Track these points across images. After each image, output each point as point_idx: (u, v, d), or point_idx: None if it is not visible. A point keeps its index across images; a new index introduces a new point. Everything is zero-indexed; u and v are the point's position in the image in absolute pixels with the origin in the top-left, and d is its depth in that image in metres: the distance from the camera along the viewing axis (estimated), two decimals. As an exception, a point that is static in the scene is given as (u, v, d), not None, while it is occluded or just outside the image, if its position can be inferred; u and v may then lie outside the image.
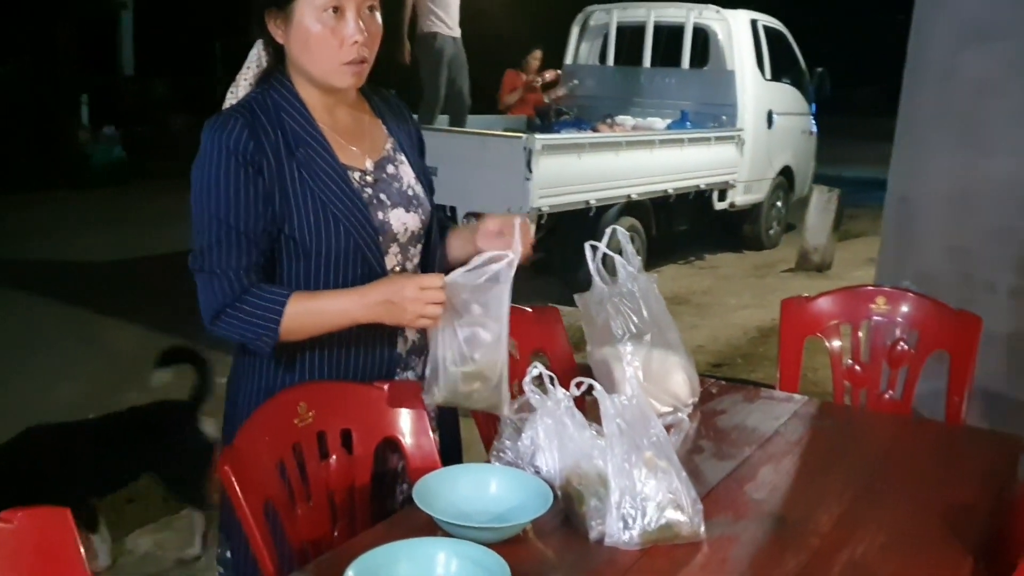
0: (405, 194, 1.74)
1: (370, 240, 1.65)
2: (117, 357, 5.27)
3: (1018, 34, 3.28)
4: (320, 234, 1.61)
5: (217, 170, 1.57)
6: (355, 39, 1.59)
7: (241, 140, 1.57)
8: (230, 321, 1.58)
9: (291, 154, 1.61)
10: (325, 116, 1.68)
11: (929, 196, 3.56)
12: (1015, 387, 3.31)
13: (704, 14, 8.38)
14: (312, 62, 1.62)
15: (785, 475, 1.82)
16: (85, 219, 9.53)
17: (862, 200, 10.84)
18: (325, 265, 1.63)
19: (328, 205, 1.61)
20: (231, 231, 1.57)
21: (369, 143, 1.74)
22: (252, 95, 1.66)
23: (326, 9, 1.58)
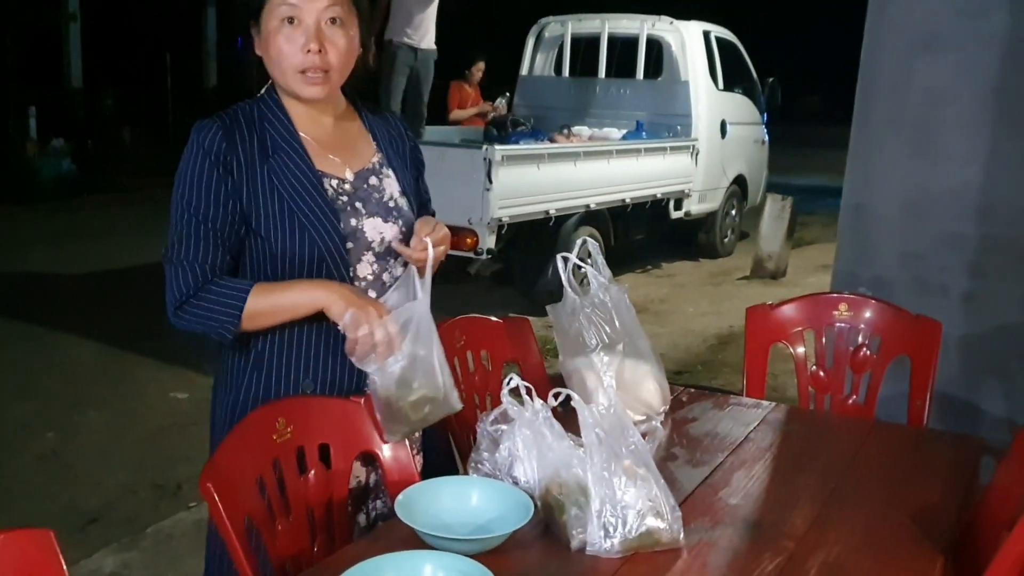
0: (385, 205, 1.77)
1: (334, 247, 1.68)
2: (71, 374, 5.19)
3: (967, 44, 3.37)
4: (285, 237, 1.66)
5: (192, 168, 1.65)
6: (308, 48, 1.64)
7: (215, 141, 1.64)
8: (193, 311, 1.63)
9: (265, 159, 1.67)
10: (308, 126, 1.74)
11: (883, 203, 3.63)
12: (970, 389, 3.39)
13: (657, 26, 8.47)
14: (275, 71, 1.69)
15: (758, 480, 1.85)
16: (34, 234, 9.35)
17: (813, 208, 11.02)
18: (290, 268, 1.67)
19: (296, 211, 1.66)
20: (200, 225, 1.63)
21: (352, 154, 1.78)
22: (241, 104, 1.73)
23: (283, 19, 1.65)
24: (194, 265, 1.63)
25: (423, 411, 1.69)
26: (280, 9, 1.64)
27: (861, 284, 3.53)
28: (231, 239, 1.66)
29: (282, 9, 1.64)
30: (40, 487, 3.83)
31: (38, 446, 4.21)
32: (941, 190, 3.47)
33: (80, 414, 4.59)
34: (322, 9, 1.65)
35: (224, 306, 1.62)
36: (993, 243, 3.38)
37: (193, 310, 1.63)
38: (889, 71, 3.60)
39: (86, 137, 14.60)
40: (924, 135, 3.50)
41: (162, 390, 4.89)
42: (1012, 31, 3.27)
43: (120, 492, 3.78)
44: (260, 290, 1.63)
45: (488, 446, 1.73)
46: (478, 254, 6.02)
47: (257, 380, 1.72)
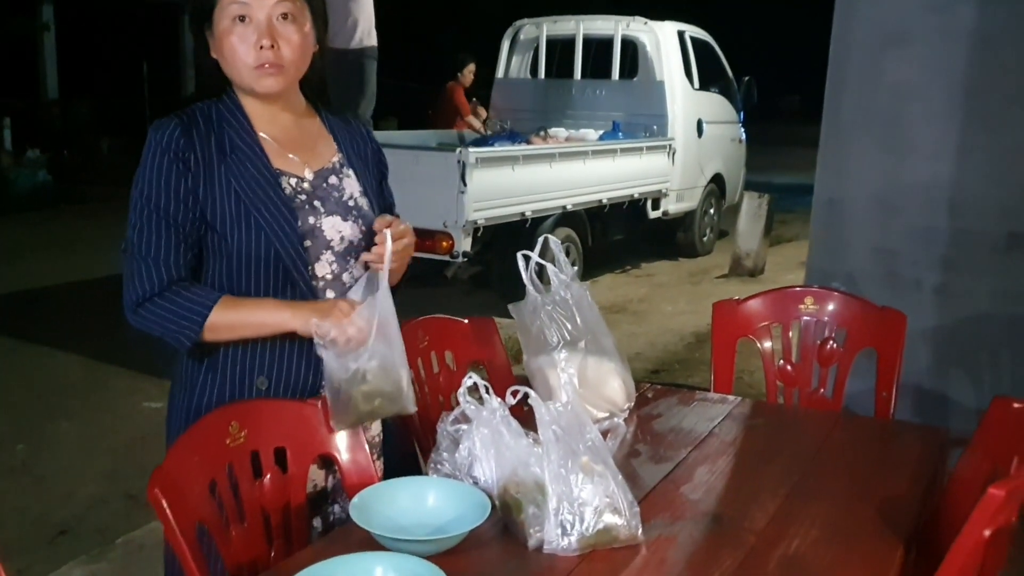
0: (344, 204, 1.76)
1: (290, 245, 1.67)
2: (43, 385, 5.13)
3: (934, 39, 3.38)
4: (241, 235, 1.65)
5: (152, 165, 1.64)
6: (260, 44, 1.64)
7: (174, 137, 1.64)
8: (153, 312, 1.62)
9: (223, 158, 1.67)
10: (267, 125, 1.74)
11: (854, 198, 3.63)
12: (942, 382, 3.39)
13: (632, 26, 8.48)
14: (230, 69, 1.69)
15: (721, 475, 1.84)
16: (7, 245, 9.26)
17: (792, 205, 11.05)
18: (247, 266, 1.67)
19: (252, 208, 1.65)
20: (161, 221, 1.63)
21: (312, 153, 1.78)
22: (199, 104, 1.72)
23: (234, 18, 1.65)
24: (157, 262, 1.62)
25: (373, 403, 1.67)
26: (230, 8, 1.64)
27: (834, 279, 3.53)
28: (192, 236, 1.65)
29: (232, 8, 1.64)
30: (9, 499, 3.78)
31: (8, 458, 4.15)
32: (911, 185, 3.47)
33: (51, 425, 4.54)
34: (272, 5, 1.64)
35: (187, 312, 1.61)
36: (964, 237, 3.39)
37: (155, 310, 1.61)
38: (857, 67, 3.60)
39: (62, 148, 14.52)
40: (893, 130, 3.51)
41: (135, 400, 4.85)
42: (979, 26, 3.28)
43: (91, 503, 3.73)
44: (226, 304, 1.62)
45: (448, 446, 1.71)
46: (454, 257, 6.00)
47: (212, 381, 1.70)
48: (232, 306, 1.63)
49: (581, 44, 8.57)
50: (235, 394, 1.69)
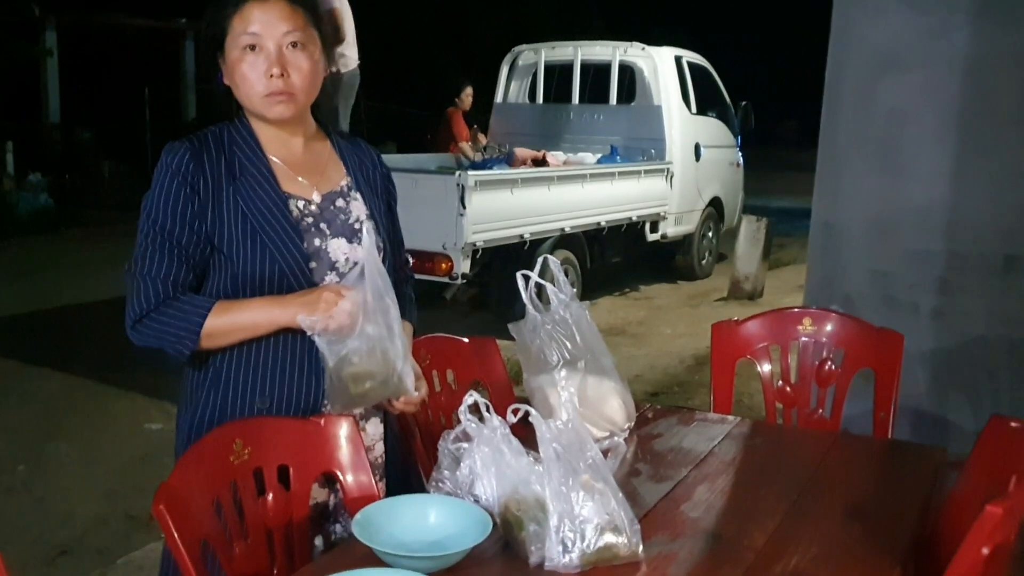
0: (351, 227, 1.79)
1: (296, 266, 1.70)
2: (44, 407, 5.14)
3: (927, 64, 3.41)
4: (247, 256, 1.68)
5: (161, 187, 1.68)
6: (271, 72, 1.68)
7: (183, 161, 1.68)
8: (151, 326, 1.65)
9: (232, 180, 1.70)
10: (278, 148, 1.77)
11: (851, 221, 3.66)
12: (940, 404, 3.40)
13: (629, 52, 8.56)
14: (241, 96, 1.73)
15: (720, 493, 1.86)
16: (8, 268, 9.29)
17: (790, 229, 11.09)
18: (252, 286, 1.69)
19: (258, 229, 1.69)
20: (165, 242, 1.66)
21: (320, 176, 1.81)
22: (212, 128, 1.77)
23: (245, 47, 1.68)
24: (156, 280, 1.65)
25: (364, 385, 1.68)
26: (242, 38, 1.68)
27: (832, 302, 3.55)
28: (195, 257, 1.68)
29: (243, 38, 1.68)
30: (10, 520, 3.78)
31: (8, 479, 4.16)
32: (908, 208, 3.50)
33: (52, 446, 4.54)
34: (282, 34, 1.68)
35: (183, 322, 1.64)
36: (960, 259, 3.41)
37: (152, 324, 1.64)
38: (853, 91, 3.64)
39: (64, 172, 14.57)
40: (889, 154, 3.54)
41: (135, 421, 4.86)
42: (973, 51, 3.32)
43: (91, 524, 3.73)
44: (220, 308, 1.65)
45: (449, 464, 1.73)
46: (453, 279, 6.03)
47: (215, 397, 1.72)
48: (225, 310, 1.66)
49: (579, 69, 8.64)
50: (235, 413, 1.71)
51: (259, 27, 1.67)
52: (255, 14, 1.67)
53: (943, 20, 3.35)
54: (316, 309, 1.63)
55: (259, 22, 1.67)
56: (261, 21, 1.67)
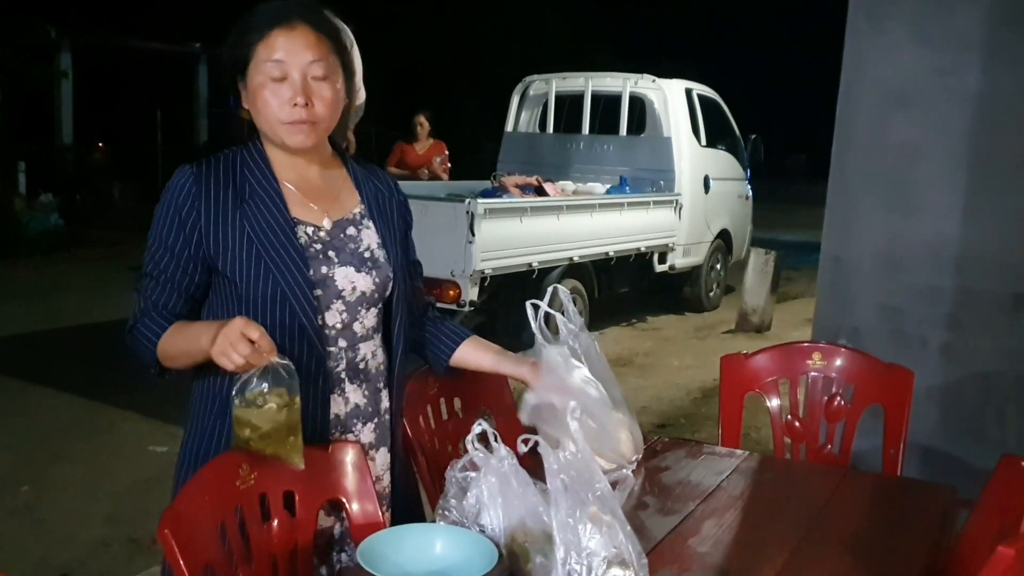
0: (360, 255, 1.78)
1: (300, 291, 1.69)
2: (48, 427, 5.14)
3: (939, 101, 3.42)
4: (251, 279, 1.68)
5: (160, 217, 1.71)
6: (294, 101, 1.67)
7: (184, 188, 1.69)
8: (133, 338, 1.71)
9: (239, 203, 1.70)
10: (291, 174, 1.77)
11: (861, 256, 3.65)
12: (948, 440, 3.38)
13: (640, 83, 8.60)
14: (261, 121, 1.72)
15: (728, 528, 1.84)
16: (17, 288, 9.33)
17: (798, 263, 11.10)
18: (255, 310, 1.69)
19: (263, 254, 1.68)
20: (156, 266, 1.71)
21: (333, 203, 1.80)
22: (225, 152, 1.77)
23: (268, 74, 1.67)
24: (147, 300, 1.71)
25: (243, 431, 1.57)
26: (266, 65, 1.67)
27: (841, 336, 3.54)
28: (184, 283, 1.71)
29: (268, 65, 1.67)
30: (12, 541, 3.76)
31: (11, 500, 4.15)
32: (917, 244, 3.50)
33: (56, 468, 4.53)
34: (308, 63, 1.67)
35: (146, 340, 1.68)
36: (969, 296, 3.40)
37: (133, 337, 1.70)
38: (864, 127, 3.65)
39: (75, 192, 14.66)
40: (899, 190, 3.54)
41: (140, 443, 4.85)
42: (984, 88, 3.32)
43: (94, 546, 3.72)
44: (172, 331, 1.67)
45: (456, 493, 1.71)
46: (461, 306, 6.04)
47: (222, 425, 1.71)
48: (174, 333, 1.67)
49: (590, 100, 8.69)
50: None
51: (284, 55, 1.66)
52: (280, 41, 1.66)
53: (955, 58, 3.36)
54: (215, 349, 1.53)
55: (285, 50, 1.66)
56: (287, 49, 1.66)
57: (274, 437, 1.59)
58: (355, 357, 1.79)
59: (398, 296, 1.84)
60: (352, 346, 1.78)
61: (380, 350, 1.85)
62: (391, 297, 1.83)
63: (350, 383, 1.78)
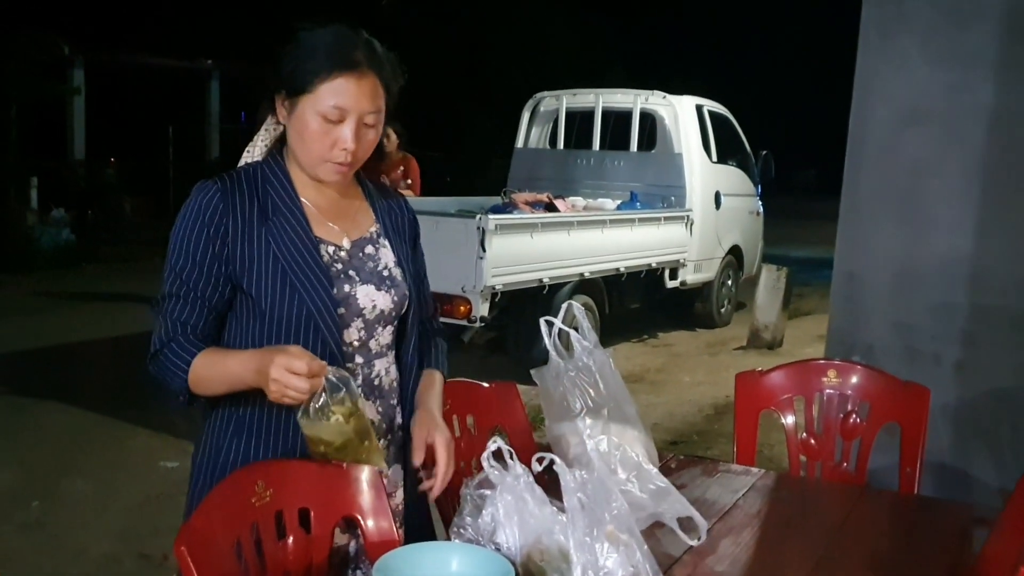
0: (379, 274, 1.79)
1: (325, 310, 1.69)
2: (59, 442, 5.14)
3: (950, 118, 3.42)
4: (275, 298, 1.67)
5: (185, 230, 1.67)
6: (345, 146, 1.67)
7: (211, 203, 1.67)
8: (158, 363, 1.65)
9: (264, 220, 1.69)
10: (311, 193, 1.76)
11: (874, 272, 3.65)
12: (962, 458, 3.36)
13: (651, 100, 8.61)
14: (303, 152, 1.71)
15: (745, 547, 1.83)
16: (28, 303, 9.37)
17: (809, 279, 11.07)
18: (279, 328, 1.68)
19: (288, 272, 1.68)
20: (183, 286, 1.66)
21: (351, 223, 1.81)
22: (245, 166, 1.76)
23: (326, 116, 1.65)
24: (176, 323, 1.65)
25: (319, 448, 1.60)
26: (326, 106, 1.64)
27: (854, 353, 3.53)
28: (216, 303, 1.68)
29: (329, 109, 1.64)
30: (24, 556, 3.77)
31: (23, 515, 4.15)
32: (931, 260, 3.49)
33: (67, 482, 4.54)
34: (365, 113, 1.67)
35: (175, 367, 1.63)
36: (984, 312, 3.39)
37: (159, 363, 1.65)
38: (876, 143, 3.64)
39: (87, 207, 14.74)
40: (912, 206, 3.53)
41: (151, 459, 4.85)
42: (997, 104, 3.32)
43: (105, 562, 3.72)
44: (206, 356, 1.63)
45: (471, 511, 1.70)
46: (471, 322, 6.03)
47: (239, 444, 1.71)
48: (210, 358, 1.62)
49: (600, 116, 8.71)
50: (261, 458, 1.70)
51: (347, 102, 1.64)
52: (348, 88, 1.64)
53: (967, 74, 3.36)
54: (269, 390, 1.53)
55: (349, 96, 1.64)
56: (352, 96, 1.64)
57: (349, 447, 1.60)
58: (371, 373, 1.79)
59: (413, 313, 1.85)
60: (368, 363, 1.79)
61: (393, 367, 1.86)
62: (406, 314, 1.84)
63: (365, 399, 1.77)
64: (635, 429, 2.08)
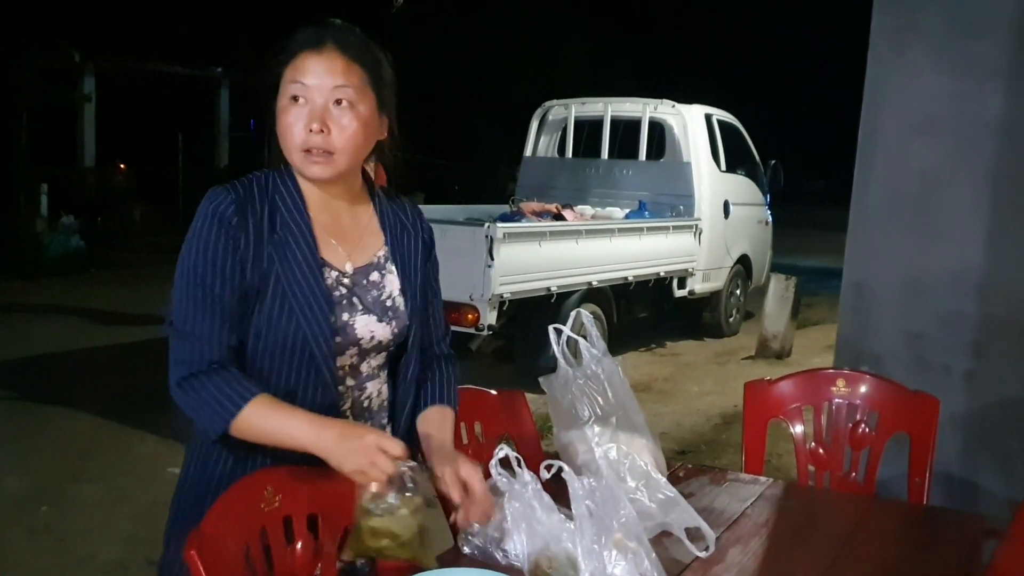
0: (382, 304, 1.72)
1: (322, 337, 1.62)
2: (67, 448, 5.16)
3: (960, 128, 3.42)
4: (272, 319, 1.61)
5: (201, 236, 1.59)
6: (310, 127, 1.60)
7: (228, 211, 1.59)
8: (193, 393, 1.56)
9: (271, 234, 1.62)
10: (319, 211, 1.69)
11: (883, 282, 3.64)
12: (971, 468, 3.34)
13: (659, 109, 8.62)
14: (286, 150, 1.64)
15: (753, 556, 1.82)
16: (36, 309, 9.40)
17: (818, 289, 11.04)
18: (271, 348, 1.62)
19: (288, 295, 1.61)
20: (207, 294, 1.57)
21: (356, 246, 1.73)
22: (256, 174, 1.68)
23: (292, 97, 1.61)
24: (202, 340, 1.57)
25: (381, 542, 1.54)
26: (291, 87, 1.61)
27: (863, 362, 3.52)
28: (236, 313, 1.60)
29: (292, 87, 1.61)
30: (31, 561, 3.78)
31: (31, 520, 4.16)
32: (940, 270, 3.48)
33: (75, 488, 4.55)
34: (331, 89, 1.61)
35: (219, 404, 1.55)
36: (994, 323, 3.37)
37: (194, 393, 1.56)
38: (886, 153, 3.64)
39: (96, 214, 14.79)
40: (922, 216, 3.53)
41: (158, 464, 4.85)
42: (1007, 114, 3.31)
43: (112, 568, 3.72)
44: (262, 406, 1.56)
45: (479, 519, 1.70)
46: (479, 330, 6.04)
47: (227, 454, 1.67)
48: (266, 409, 1.56)
49: (609, 125, 8.72)
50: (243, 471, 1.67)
51: (309, 78, 1.60)
52: (308, 64, 1.60)
53: (977, 84, 3.35)
54: (350, 464, 1.53)
55: (311, 73, 1.60)
56: (313, 72, 1.60)
57: (413, 543, 1.54)
58: (360, 396, 1.74)
59: (413, 340, 1.78)
60: (359, 385, 1.73)
61: (385, 386, 1.79)
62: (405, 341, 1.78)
63: (354, 420, 1.73)
64: (643, 437, 2.07)
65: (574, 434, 2.04)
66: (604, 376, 2.06)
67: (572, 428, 2.05)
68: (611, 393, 2.04)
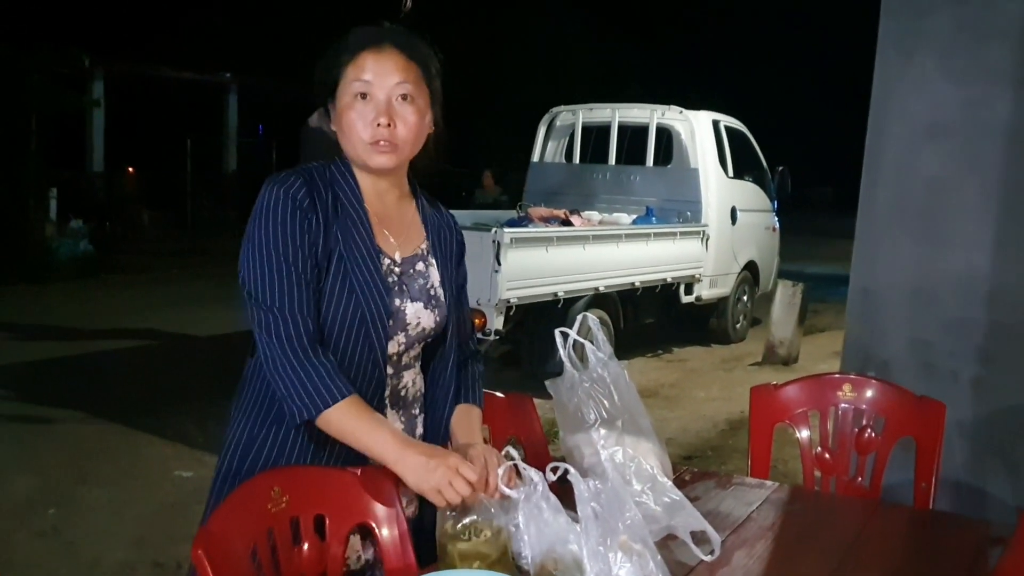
0: (428, 292, 1.81)
1: (379, 319, 1.71)
2: (75, 450, 5.17)
3: (967, 134, 3.41)
4: (333, 297, 1.68)
5: (277, 215, 1.65)
6: (377, 121, 1.69)
7: (300, 193, 1.67)
8: (290, 377, 1.62)
9: (336, 218, 1.71)
10: (373, 200, 1.78)
11: (890, 288, 3.63)
12: (978, 475, 3.34)
13: (667, 115, 8.63)
14: (345, 142, 1.74)
15: (759, 560, 1.82)
16: (48, 312, 9.43)
17: (825, 295, 11.02)
18: (331, 328, 1.69)
19: (350, 275, 1.69)
20: (292, 271, 1.64)
21: (405, 238, 1.82)
22: (313, 165, 1.76)
23: (356, 95, 1.70)
24: (294, 315, 1.63)
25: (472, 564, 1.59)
26: (354, 85, 1.70)
27: (869, 368, 3.51)
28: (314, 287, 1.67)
29: (355, 85, 1.70)
30: (39, 563, 3.79)
31: (39, 522, 4.18)
32: (948, 276, 3.47)
33: (82, 491, 4.56)
34: (393, 85, 1.70)
35: (313, 392, 1.61)
36: (1000, 329, 3.37)
37: (292, 374, 1.61)
38: (893, 159, 3.64)
39: (105, 219, 14.86)
40: (929, 222, 3.52)
41: (166, 467, 4.87)
42: (1016, 120, 3.31)
43: (119, 570, 3.73)
44: (352, 404, 1.63)
45: (485, 520, 1.71)
46: (486, 335, 6.05)
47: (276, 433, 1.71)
48: (354, 410, 1.63)
49: (616, 131, 8.73)
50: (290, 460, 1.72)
51: (372, 76, 1.69)
52: (369, 63, 1.69)
53: (985, 90, 3.35)
54: (429, 482, 1.60)
55: (372, 71, 1.69)
56: (374, 70, 1.69)
57: (504, 561, 1.58)
58: (398, 384, 1.81)
59: (452, 333, 1.86)
60: (397, 373, 1.81)
61: (419, 377, 1.88)
62: (442, 332, 1.85)
63: (391, 408, 1.81)
64: (649, 441, 2.08)
65: (580, 437, 2.05)
66: (610, 379, 2.06)
67: (578, 431, 2.05)
68: (617, 396, 2.05)
